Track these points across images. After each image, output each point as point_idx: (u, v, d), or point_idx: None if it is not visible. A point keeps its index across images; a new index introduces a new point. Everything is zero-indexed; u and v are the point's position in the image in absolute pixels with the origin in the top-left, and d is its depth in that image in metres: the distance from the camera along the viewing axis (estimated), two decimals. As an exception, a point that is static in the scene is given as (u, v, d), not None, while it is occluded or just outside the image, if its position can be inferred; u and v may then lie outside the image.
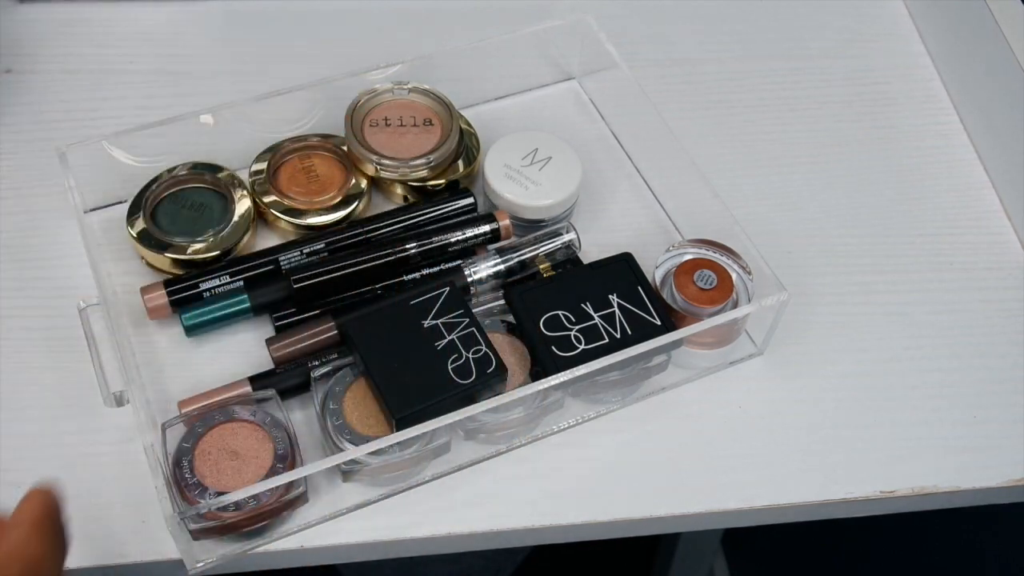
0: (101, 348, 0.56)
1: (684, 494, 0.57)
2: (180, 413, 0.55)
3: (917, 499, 0.58)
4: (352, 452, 0.52)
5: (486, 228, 0.63)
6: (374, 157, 0.64)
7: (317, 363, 0.57)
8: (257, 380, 0.57)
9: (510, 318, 0.59)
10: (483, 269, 0.61)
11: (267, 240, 0.64)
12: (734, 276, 0.60)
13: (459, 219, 0.64)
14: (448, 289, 0.57)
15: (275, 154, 0.65)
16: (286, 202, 0.63)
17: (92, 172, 0.63)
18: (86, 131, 0.68)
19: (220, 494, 0.51)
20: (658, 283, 0.60)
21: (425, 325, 0.56)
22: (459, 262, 0.61)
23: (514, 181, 0.63)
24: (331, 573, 1.21)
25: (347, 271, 0.60)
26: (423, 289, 0.57)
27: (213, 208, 0.63)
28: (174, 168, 0.64)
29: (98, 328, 0.57)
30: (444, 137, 0.65)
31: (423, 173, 0.64)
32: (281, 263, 0.61)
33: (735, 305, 0.59)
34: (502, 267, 0.61)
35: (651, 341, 0.56)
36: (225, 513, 0.51)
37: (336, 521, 0.55)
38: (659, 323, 0.57)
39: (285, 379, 0.57)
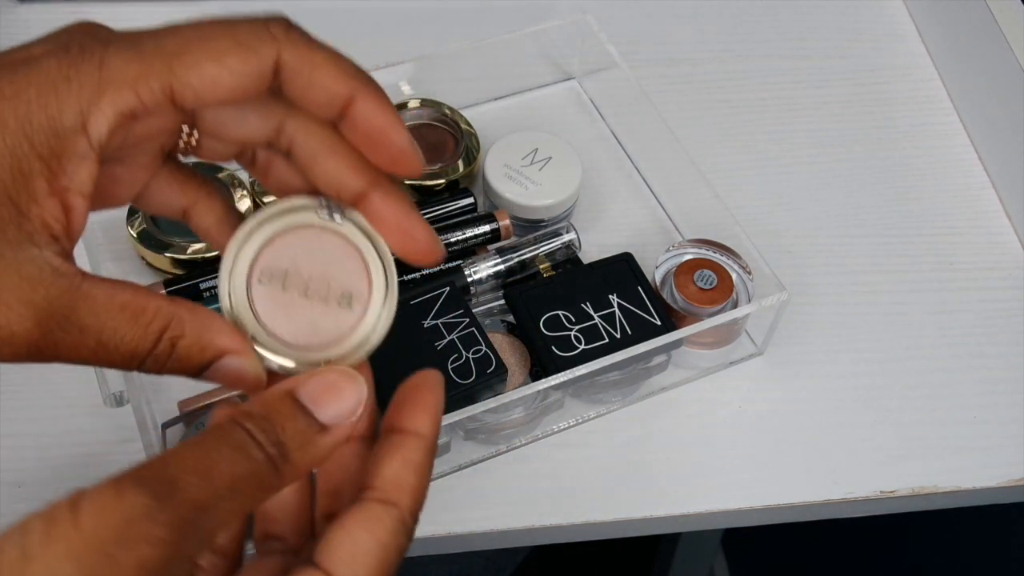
0: (101, 348, 0.56)
1: (684, 494, 0.56)
2: (180, 413, 0.55)
3: (917, 499, 0.58)
4: (352, 452, 0.52)
5: (486, 228, 0.63)
6: (374, 157, 0.64)
7: (317, 363, 0.57)
8: (257, 380, 0.56)
9: (510, 318, 0.59)
10: (483, 269, 0.61)
11: (267, 240, 0.64)
12: (734, 276, 0.60)
13: (459, 219, 0.64)
14: (448, 289, 0.57)
15: (275, 154, 0.65)
16: (286, 202, 0.63)
17: (92, 172, 0.63)
18: (86, 131, 0.68)
19: (220, 494, 0.51)
20: (658, 283, 0.60)
21: (425, 325, 0.56)
22: (459, 262, 0.61)
23: (514, 181, 0.63)
24: (331, 573, 1.21)
25: (347, 271, 0.60)
26: (423, 289, 0.57)
27: (213, 208, 0.63)
28: (174, 168, 0.64)
29: (98, 328, 0.56)
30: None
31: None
32: (281, 263, 0.61)
33: (735, 305, 0.59)
34: (502, 267, 0.61)
35: (651, 341, 0.56)
36: (225, 513, 0.51)
37: (336, 521, 0.54)
38: (659, 323, 0.57)
39: (285, 379, 0.57)
